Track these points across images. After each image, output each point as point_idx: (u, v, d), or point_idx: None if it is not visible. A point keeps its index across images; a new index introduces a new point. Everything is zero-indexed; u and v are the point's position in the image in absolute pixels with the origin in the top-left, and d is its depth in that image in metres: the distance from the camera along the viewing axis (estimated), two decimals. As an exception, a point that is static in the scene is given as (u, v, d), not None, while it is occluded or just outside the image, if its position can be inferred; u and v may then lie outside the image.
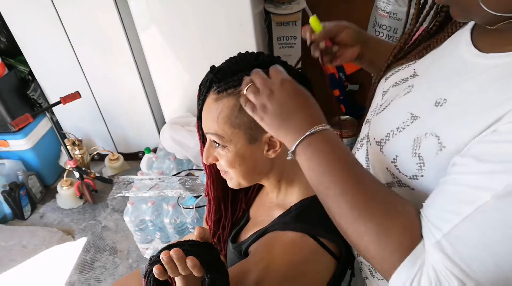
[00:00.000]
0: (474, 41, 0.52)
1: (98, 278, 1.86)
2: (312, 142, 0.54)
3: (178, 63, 1.94)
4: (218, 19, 1.76)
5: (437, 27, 0.64)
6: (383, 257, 0.48)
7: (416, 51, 0.64)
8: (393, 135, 0.56)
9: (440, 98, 0.51)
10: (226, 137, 0.66)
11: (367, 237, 0.49)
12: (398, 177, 0.57)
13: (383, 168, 0.59)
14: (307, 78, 0.71)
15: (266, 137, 0.66)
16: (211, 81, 0.68)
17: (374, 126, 0.63)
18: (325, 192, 0.53)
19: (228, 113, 0.65)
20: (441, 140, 0.49)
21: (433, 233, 0.45)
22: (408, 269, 0.45)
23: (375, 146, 0.60)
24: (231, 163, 0.68)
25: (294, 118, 0.55)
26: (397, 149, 0.56)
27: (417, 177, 0.53)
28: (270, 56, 0.69)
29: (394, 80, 0.65)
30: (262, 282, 0.62)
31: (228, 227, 0.87)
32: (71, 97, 1.98)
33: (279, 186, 0.75)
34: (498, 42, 0.48)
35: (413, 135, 0.53)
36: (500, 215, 0.41)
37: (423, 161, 0.52)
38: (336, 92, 2.27)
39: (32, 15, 1.97)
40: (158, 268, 0.56)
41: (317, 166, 0.53)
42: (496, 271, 0.42)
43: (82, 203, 2.29)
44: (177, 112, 2.12)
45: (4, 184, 2.14)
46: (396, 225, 0.48)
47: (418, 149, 0.52)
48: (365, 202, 0.50)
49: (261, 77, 0.59)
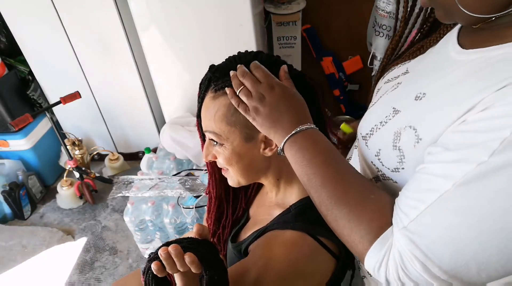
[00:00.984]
0: (460, 40, 0.55)
1: (98, 278, 1.86)
2: (297, 140, 0.60)
3: (178, 63, 1.95)
4: (218, 19, 1.76)
5: (428, 28, 0.66)
6: (355, 241, 0.52)
7: (410, 52, 0.67)
8: (376, 129, 0.59)
9: (420, 92, 0.54)
10: (223, 135, 0.67)
11: (341, 222, 0.54)
12: (382, 170, 0.59)
13: (369, 162, 0.62)
14: (305, 79, 0.71)
15: (262, 136, 0.67)
16: (210, 80, 0.68)
17: (362, 121, 0.65)
18: (308, 183, 0.58)
19: (224, 111, 0.66)
20: (418, 132, 0.51)
21: (401, 219, 0.48)
22: (377, 253, 0.49)
23: (361, 140, 0.63)
24: (228, 160, 0.69)
25: (282, 119, 0.61)
26: (380, 142, 0.58)
27: (398, 170, 0.56)
28: (269, 55, 0.70)
29: (387, 78, 0.68)
30: (261, 280, 0.62)
31: (228, 226, 0.87)
32: (71, 97, 1.98)
33: (278, 185, 0.75)
34: (479, 39, 0.51)
35: (393, 129, 0.55)
36: (460, 203, 0.43)
37: (403, 154, 0.54)
38: (336, 92, 2.27)
39: (32, 15, 1.97)
40: (157, 264, 0.56)
41: (301, 160, 0.59)
42: (457, 257, 0.44)
43: (82, 203, 2.29)
44: (177, 112, 2.12)
45: (4, 184, 2.14)
46: (367, 212, 0.52)
47: (398, 142, 0.54)
48: (341, 191, 0.55)
49: (251, 80, 0.62)
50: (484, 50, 0.49)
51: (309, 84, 0.71)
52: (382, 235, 0.50)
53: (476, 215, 0.42)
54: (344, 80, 2.25)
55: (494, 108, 0.42)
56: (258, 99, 0.61)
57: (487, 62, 0.47)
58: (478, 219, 0.42)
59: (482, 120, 0.43)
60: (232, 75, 0.64)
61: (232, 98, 0.63)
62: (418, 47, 0.65)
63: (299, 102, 0.63)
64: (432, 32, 0.65)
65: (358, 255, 0.53)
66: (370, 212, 0.52)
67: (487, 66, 0.47)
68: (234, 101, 0.63)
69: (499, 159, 0.40)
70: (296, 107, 0.62)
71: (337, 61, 2.19)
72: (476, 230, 0.42)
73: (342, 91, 2.26)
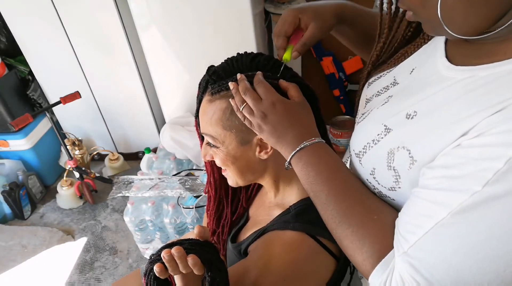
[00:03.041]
0: (448, 52, 0.55)
1: (98, 278, 1.86)
2: (303, 156, 0.60)
3: (178, 63, 1.94)
4: (218, 19, 1.76)
5: (412, 33, 0.65)
6: (358, 262, 0.53)
7: (395, 58, 0.66)
8: (369, 147, 0.58)
9: (411, 110, 0.53)
10: (219, 139, 0.67)
11: (344, 242, 0.55)
12: (378, 188, 0.59)
13: (364, 179, 0.61)
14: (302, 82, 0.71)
15: (257, 139, 0.67)
16: (207, 82, 0.68)
17: (354, 137, 0.64)
18: (314, 199, 0.59)
19: (220, 115, 0.66)
20: (412, 154, 0.51)
21: (401, 244, 0.49)
22: (380, 275, 0.50)
23: (355, 157, 0.62)
24: (224, 162, 0.70)
25: (286, 136, 0.61)
26: (374, 161, 0.57)
27: (395, 189, 0.55)
28: (267, 58, 0.69)
29: (376, 88, 0.66)
30: (261, 281, 0.62)
31: (227, 226, 0.87)
32: (71, 97, 1.98)
33: (277, 186, 0.75)
34: (468, 54, 0.51)
35: (387, 148, 0.55)
36: (456, 230, 0.44)
37: (398, 174, 0.54)
38: (336, 92, 2.27)
39: (32, 15, 1.97)
40: (159, 267, 0.56)
41: (306, 176, 0.59)
42: (457, 281, 0.44)
43: (82, 203, 2.29)
44: (177, 112, 2.12)
45: (4, 184, 2.14)
46: (370, 235, 0.53)
47: (392, 162, 0.54)
48: (344, 210, 0.55)
49: (253, 98, 0.62)
50: (474, 68, 0.48)
51: (308, 87, 0.71)
52: (384, 259, 0.51)
53: (472, 242, 0.43)
54: (344, 80, 2.24)
55: (489, 136, 0.42)
56: (260, 117, 0.61)
57: (477, 83, 0.47)
58: (474, 246, 0.43)
59: (476, 146, 0.43)
60: (233, 91, 0.63)
61: (237, 112, 0.64)
62: (403, 53, 0.65)
63: (303, 115, 0.63)
64: (415, 37, 0.65)
65: (362, 273, 0.54)
66: (372, 235, 0.53)
67: (478, 87, 0.46)
68: (239, 116, 0.64)
69: (493, 189, 0.41)
70: (301, 121, 0.62)
71: (337, 61, 2.19)
72: (473, 257, 0.43)
73: (342, 91, 2.26)
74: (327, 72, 2.23)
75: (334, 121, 2.07)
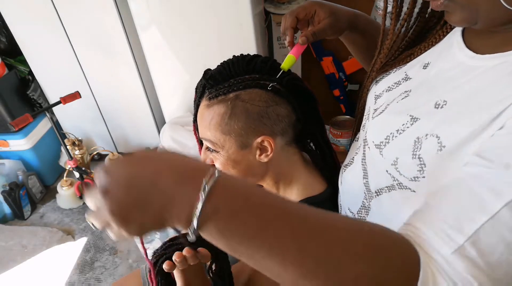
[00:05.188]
0: (467, 44, 0.54)
1: (98, 278, 1.86)
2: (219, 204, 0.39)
3: (178, 63, 1.94)
4: (218, 19, 1.76)
5: (414, 37, 0.66)
6: None
7: (398, 60, 0.66)
8: (392, 137, 0.57)
9: (440, 99, 0.52)
10: (219, 144, 0.67)
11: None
12: (398, 179, 0.57)
13: (383, 171, 0.59)
14: (302, 83, 0.71)
15: (256, 143, 0.67)
16: (204, 87, 0.68)
17: (372, 129, 0.63)
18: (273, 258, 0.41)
19: (218, 120, 0.66)
20: (441, 140, 0.49)
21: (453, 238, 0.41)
22: None
23: (374, 149, 0.61)
24: (224, 166, 0.69)
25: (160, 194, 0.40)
26: (398, 151, 0.56)
27: (418, 178, 0.53)
28: (264, 60, 0.68)
29: (387, 84, 0.66)
30: (256, 281, 0.62)
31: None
32: (71, 97, 1.98)
33: (277, 188, 0.75)
34: (491, 43, 0.50)
35: (413, 137, 0.53)
36: None
37: (423, 162, 0.52)
38: (336, 92, 2.27)
39: (32, 15, 1.97)
40: (169, 264, 0.60)
41: (243, 232, 0.40)
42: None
43: (82, 203, 2.29)
44: (177, 112, 2.12)
45: (4, 184, 2.14)
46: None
47: (419, 150, 0.52)
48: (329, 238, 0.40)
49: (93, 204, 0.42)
50: (506, 54, 0.48)
51: (307, 89, 0.71)
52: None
53: None
54: (344, 80, 2.24)
55: None
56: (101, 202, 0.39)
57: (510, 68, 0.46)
58: None
59: None
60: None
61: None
62: (408, 55, 0.65)
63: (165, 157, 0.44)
64: (419, 40, 0.65)
65: None
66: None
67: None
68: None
69: None
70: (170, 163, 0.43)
71: (337, 61, 2.19)
72: None
73: (342, 91, 2.26)
74: (327, 72, 2.23)
75: (334, 121, 2.07)
